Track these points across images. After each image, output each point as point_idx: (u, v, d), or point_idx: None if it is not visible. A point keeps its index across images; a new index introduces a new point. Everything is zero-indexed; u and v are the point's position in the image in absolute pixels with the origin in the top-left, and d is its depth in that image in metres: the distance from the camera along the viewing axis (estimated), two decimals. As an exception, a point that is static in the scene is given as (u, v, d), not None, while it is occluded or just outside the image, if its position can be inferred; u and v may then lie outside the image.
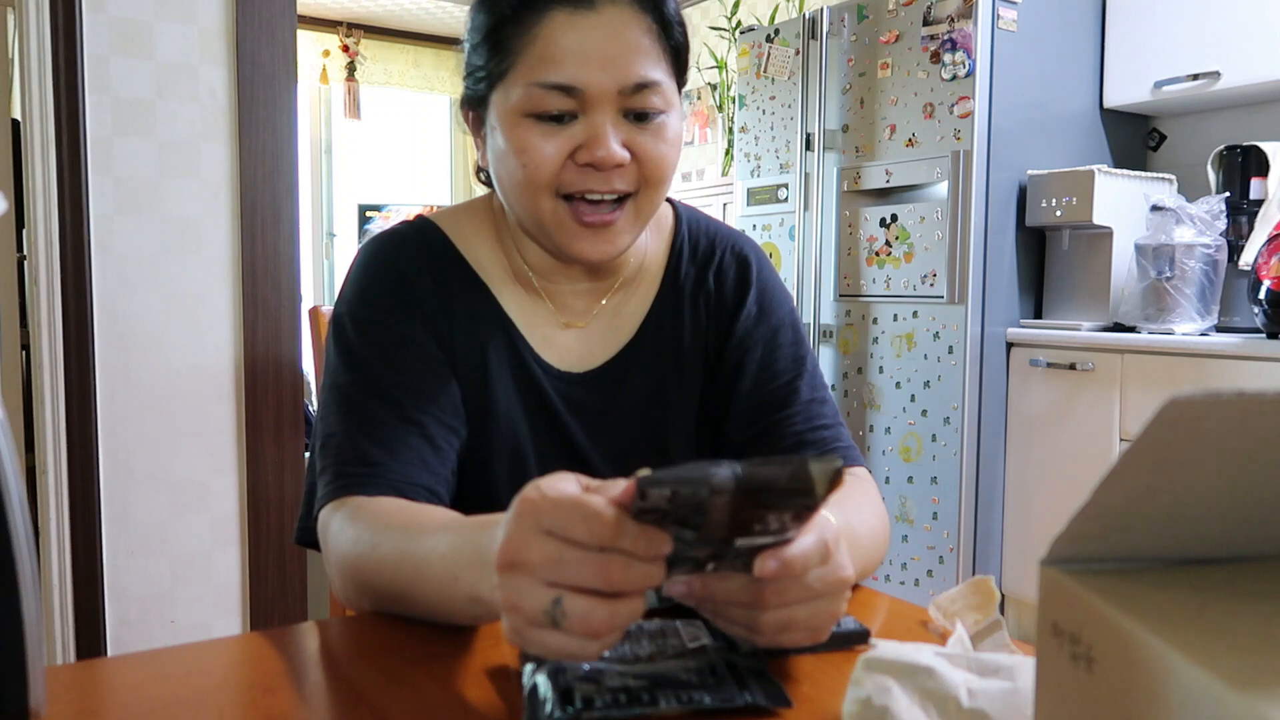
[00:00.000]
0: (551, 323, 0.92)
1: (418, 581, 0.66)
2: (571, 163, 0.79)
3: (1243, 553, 0.36)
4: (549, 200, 0.81)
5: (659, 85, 0.80)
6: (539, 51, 0.78)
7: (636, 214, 0.84)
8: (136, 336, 1.94)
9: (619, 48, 0.78)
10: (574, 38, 0.77)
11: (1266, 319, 2.17)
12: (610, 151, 0.78)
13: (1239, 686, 0.26)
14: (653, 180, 0.82)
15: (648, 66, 0.79)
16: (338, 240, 5.60)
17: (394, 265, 0.88)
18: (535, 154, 0.79)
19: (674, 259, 0.95)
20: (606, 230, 0.82)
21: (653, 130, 0.81)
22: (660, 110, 0.81)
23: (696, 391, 0.94)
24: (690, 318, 0.94)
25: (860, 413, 2.86)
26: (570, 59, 0.77)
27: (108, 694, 0.62)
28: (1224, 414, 0.29)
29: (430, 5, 5.12)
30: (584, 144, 0.79)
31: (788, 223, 3.07)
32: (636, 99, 0.79)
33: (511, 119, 0.80)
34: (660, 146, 0.81)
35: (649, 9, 0.80)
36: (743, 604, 0.55)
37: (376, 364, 0.84)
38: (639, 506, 0.49)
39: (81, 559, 1.89)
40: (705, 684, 0.56)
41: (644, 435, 0.93)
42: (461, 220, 0.92)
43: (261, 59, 2.01)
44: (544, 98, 0.78)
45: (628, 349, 0.93)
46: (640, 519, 0.49)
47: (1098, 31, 2.77)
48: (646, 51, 0.79)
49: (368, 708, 0.58)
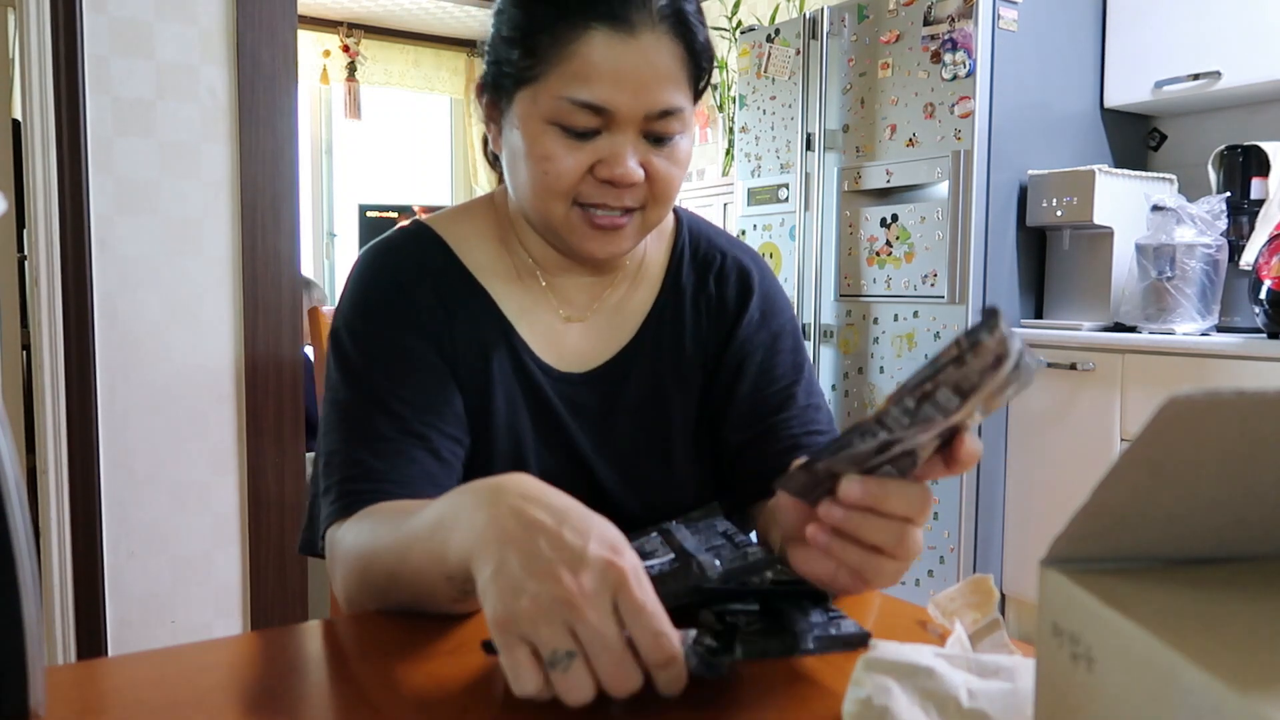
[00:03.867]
0: (553, 316, 0.92)
1: (409, 551, 0.65)
2: (590, 176, 0.82)
3: (1243, 553, 0.36)
4: (563, 207, 0.83)
5: (681, 112, 0.82)
6: (574, 68, 0.79)
7: (643, 223, 0.86)
8: (137, 336, 1.94)
9: (652, 75, 0.80)
10: (610, 60, 0.78)
11: (1267, 319, 2.17)
12: (628, 170, 0.81)
13: (1239, 686, 0.26)
14: (660, 198, 0.85)
15: (674, 94, 0.81)
16: (338, 240, 5.60)
17: (391, 276, 0.88)
18: (557, 164, 0.81)
19: (675, 260, 0.97)
20: (615, 233, 0.84)
21: (667, 152, 0.83)
22: (678, 134, 0.83)
23: (696, 393, 0.95)
24: (691, 319, 0.95)
25: (861, 413, 2.85)
26: (604, 80, 0.78)
27: (108, 694, 0.62)
28: (1224, 413, 0.29)
29: (430, 5, 5.12)
30: (604, 160, 0.81)
31: (788, 223, 3.07)
32: (659, 124, 0.81)
33: (536, 125, 0.81)
34: (672, 169, 0.84)
35: (683, 38, 0.82)
36: (894, 516, 0.58)
37: (377, 378, 0.84)
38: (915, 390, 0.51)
39: (82, 559, 1.89)
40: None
41: (646, 436, 0.93)
42: (460, 222, 0.93)
43: (262, 59, 2.01)
44: (573, 113, 0.79)
45: (630, 347, 0.94)
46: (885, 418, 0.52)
47: (1098, 31, 2.77)
48: (675, 79, 0.81)
49: (368, 708, 0.58)
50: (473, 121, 5.73)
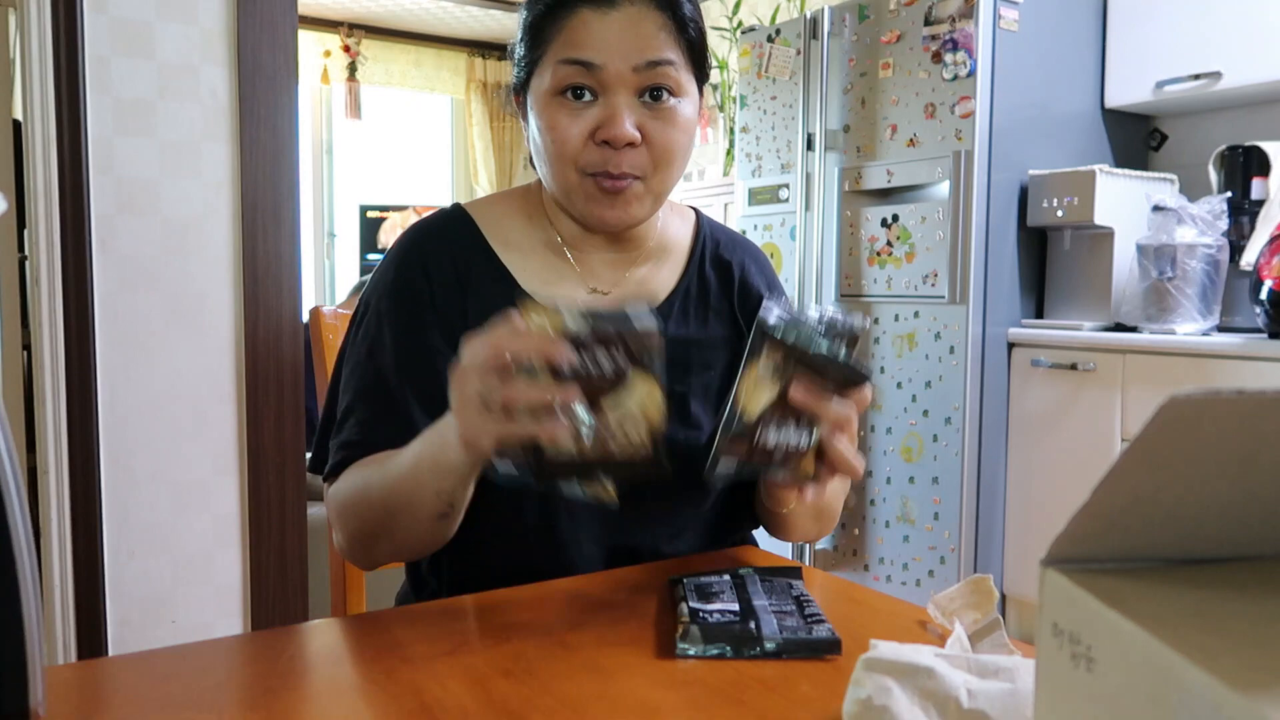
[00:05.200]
0: (579, 289, 0.99)
1: (399, 480, 0.82)
2: (591, 141, 0.89)
3: (1243, 553, 0.36)
4: (574, 174, 0.91)
5: (672, 64, 0.89)
6: (566, 38, 0.89)
7: (649, 190, 0.93)
8: (137, 337, 1.94)
9: (635, 35, 0.88)
10: (597, 27, 0.88)
11: (1268, 319, 2.17)
12: (623, 130, 0.87)
13: (1239, 686, 0.26)
14: (661, 163, 0.91)
15: (661, 49, 0.89)
16: (338, 240, 5.60)
17: (420, 261, 0.96)
18: (561, 131, 0.89)
19: (699, 244, 1.05)
20: (621, 197, 0.91)
21: (665, 114, 0.89)
22: (673, 92, 0.90)
23: (719, 369, 1.01)
24: (717, 299, 1.03)
25: (861, 413, 2.85)
26: (592, 42, 0.88)
27: (108, 694, 0.62)
28: (1224, 413, 0.29)
29: (431, 5, 5.12)
30: (602, 123, 0.88)
31: (789, 223, 3.07)
32: (650, 75, 0.88)
33: (544, 99, 0.90)
34: (670, 131, 0.90)
35: (665, 7, 0.89)
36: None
37: (392, 361, 0.93)
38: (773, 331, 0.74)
39: (82, 559, 1.89)
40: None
41: (668, 398, 0.97)
42: (494, 204, 1.03)
43: (262, 59, 2.01)
44: (568, 75, 0.88)
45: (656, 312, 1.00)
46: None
47: (1099, 31, 2.77)
48: (662, 41, 0.89)
49: (368, 708, 0.58)
50: (473, 122, 5.73)
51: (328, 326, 1.24)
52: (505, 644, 0.68)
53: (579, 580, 0.85)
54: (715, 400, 1.01)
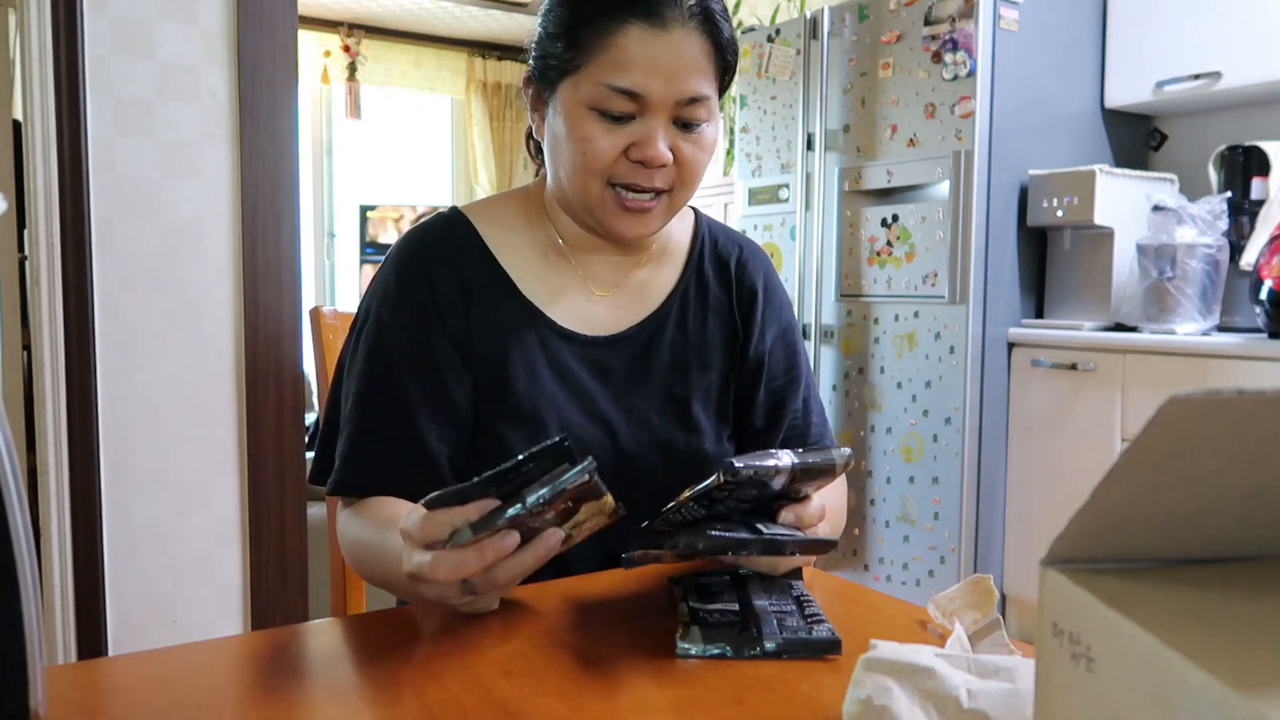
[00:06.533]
0: (580, 291, 1.00)
1: (381, 565, 0.82)
2: (624, 157, 0.90)
3: (1243, 553, 0.36)
4: (598, 186, 0.92)
5: (708, 100, 0.91)
6: (613, 57, 0.88)
7: (669, 206, 0.95)
8: (137, 337, 1.94)
9: (681, 65, 0.88)
10: (645, 51, 0.87)
11: (1268, 319, 2.17)
12: (659, 152, 0.89)
13: (1239, 686, 0.26)
14: (687, 180, 0.93)
15: (702, 83, 0.90)
16: (338, 241, 5.60)
17: (420, 268, 0.96)
18: (595, 146, 0.89)
19: (698, 247, 1.06)
20: (644, 215, 0.93)
21: (695, 138, 0.92)
22: (705, 121, 0.92)
23: (718, 369, 1.02)
24: (715, 299, 1.04)
25: (861, 413, 2.86)
26: (639, 68, 0.87)
27: (108, 694, 0.62)
28: (1224, 413, 0.29)
29: (431, 5, 5.11)
30: (637, 143, 0.89)
31: (789, 223, 3.07)
32: (688, 110, 0.90)
33: (577, 110, 0.90)
34: (698, 154, 0.92)
35: (710, 33, 0.90)
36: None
37: (395, 373, 0.93)
38: (728, 481, 0.66)
39: (82, 559, 1.89)
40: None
41: (666, 401, 1.00)
42: (493, 207, 1.02)
43: (262, 59, 2.01)
44: (611, 98, 0.88)
45: (655, 316, 1.02)
46: (715, 493, 0.69)
47: (1099, 31, 2.77)
48: (704, 70, 0.90)
49: (368, 708, 0.58)
50: (473, 122, 5.73)
51: (328, 326, 1.24)
52: (505, 644, 0.68)
53: (578, 580, 0.85)
54: (715, 402, 1.02)
